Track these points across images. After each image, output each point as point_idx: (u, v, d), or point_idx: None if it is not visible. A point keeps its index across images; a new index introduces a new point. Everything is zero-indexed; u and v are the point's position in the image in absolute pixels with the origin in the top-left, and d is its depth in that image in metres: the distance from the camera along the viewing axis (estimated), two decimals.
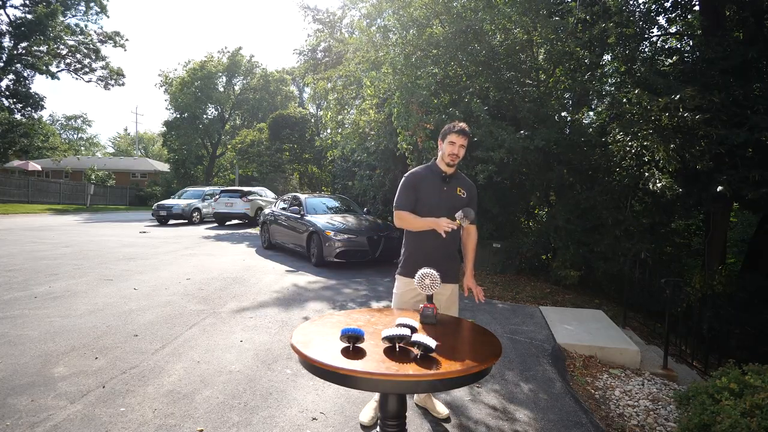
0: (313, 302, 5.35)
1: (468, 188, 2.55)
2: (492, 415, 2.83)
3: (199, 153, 32.77)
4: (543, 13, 7.02)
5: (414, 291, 2.42)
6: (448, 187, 2.47)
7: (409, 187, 2.49)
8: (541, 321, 4.95)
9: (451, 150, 2.43)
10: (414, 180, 2.50)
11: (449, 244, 2.45)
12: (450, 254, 2.50)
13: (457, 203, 2.45)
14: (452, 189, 2.48)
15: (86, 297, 5.08)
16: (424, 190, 2.46)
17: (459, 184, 2.52)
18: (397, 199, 2.51)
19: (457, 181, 2.52)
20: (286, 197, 10.15)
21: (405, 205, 2.48)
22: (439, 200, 2.44)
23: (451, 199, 2.47)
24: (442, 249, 2.45)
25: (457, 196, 2.49)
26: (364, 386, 1.47)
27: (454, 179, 2.50)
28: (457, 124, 2.45)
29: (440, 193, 2.46)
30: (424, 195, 2.46)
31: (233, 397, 2.85)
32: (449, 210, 2.37)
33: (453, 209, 2.35)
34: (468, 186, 2.57)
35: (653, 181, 5.45)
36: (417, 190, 2.47)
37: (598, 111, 7.10)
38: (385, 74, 7.41)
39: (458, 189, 2.50)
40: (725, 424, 2.15)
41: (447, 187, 2.47)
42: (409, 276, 2.43)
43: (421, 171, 2.54)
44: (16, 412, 2.55)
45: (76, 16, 26.54)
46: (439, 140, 2.50)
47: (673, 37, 9.16)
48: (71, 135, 55.97)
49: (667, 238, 7.29)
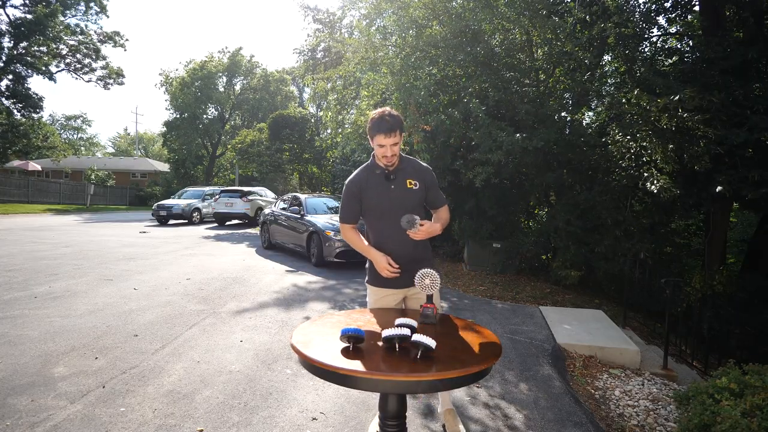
0: (313, 302, 5.35)
1: (419, 174, 2.25)
2: (492, 415, 2.83)
3: (199, 153, 32.79)
4: (542, 14, 7.02)
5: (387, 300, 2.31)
6: (395, 183, 2.20)
7: (351, 197, 2.26)
8: (541, 321, 4.95)
9: (382, 153, 2.13)
10: (353, 187, 2.25)
11: (412, 248, 2.22)
12: (417, 257, 2.23)
13: (411, 197, 2.21)
14: (401, 184, 2.20)
15: (86, 297, 5.08)
16: (369, 196, 2.22)
17: (407, 175, 2.23)
18: (340, 211, 2.32)
19: (404, 173, 2.22)
20: (286, 197, 10.16)
21: (347, 217, 2.28)
22: (389, 202, 2.19)
23: (403, 196, 2.20)
24: (403, 255, 2.22)
25: (409, 189, 2.21)
26: (364, 386, 1.47)
27: (400, 172, 2.22)
28: (382, 119, 2.08)
29: (388, 194, 2.19)
30: (370, 201, 2.23)
31: (233, 397, 2.85)
32: (404, 209, 2.15)
33: (408, 207, 2.17)
34: (419, 172, 2.26)
35: (652, 180, 5.45)
36: (360, 198, 2.24)
37: (598, 111, 7.10)
38: (383, 75, 7.42)
39: (408, 182, 2.21)
40: (725, 425, 2.15)
41: (394, 185, 2.20)
42: (374, 285, 2.32)
43: (361, 174, 2.27)
44: (16, 412, 2.55)
45: (75, 16, 26.57)
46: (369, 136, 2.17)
47: (673, 37, 9.16)
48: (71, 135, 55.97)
49: (667, 239, 7.29)
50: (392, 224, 2.16)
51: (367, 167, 2.29)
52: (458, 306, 5.54)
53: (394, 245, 2.23)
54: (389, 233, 2.23)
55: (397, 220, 2.11)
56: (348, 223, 2.31)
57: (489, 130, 6.49)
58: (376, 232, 2.29)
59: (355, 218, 2.30)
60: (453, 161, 7.45)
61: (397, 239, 2.20)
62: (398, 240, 2.20)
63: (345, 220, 2.30)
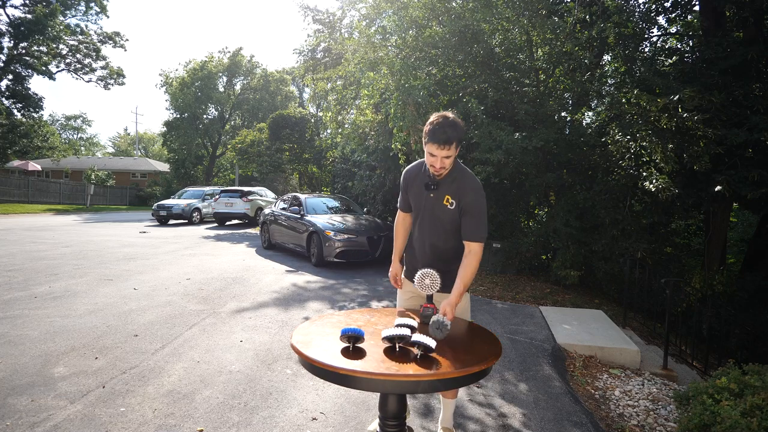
0: (313, 302, 5.35)
1: (459, 196, 2.05)
2: (491, 415, 2.83)
3: (199, 153, 32.79)
4: (542, 13, 7.02)
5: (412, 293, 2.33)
6: (435, 194, 2.09)
7: (402, 188, 2.29)
8: (541, 321, 4.95)
9: (432, 162, 2.00)
10: (404, 181, 2.27)
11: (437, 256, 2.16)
12: (442, 261, 2.14)
13: (442, 213, 2.09)
14: (438, 197, 2.08)
15: (86, 297, 5.08)
16: (412, 191, 2.22)
17: (449, 190, 2.06)
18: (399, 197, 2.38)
19: (448, 188, 2.06)
20: (286, 197, 10.16)
21: (401, 205, 2.34)
22: (423, 206, 2.15)
23: (435, 208, 2.10)
24: (431, 255, 2.17)
25: (443, 206, 2.07)
26: (364, 386, 1.47)
27: (443, 184, 2.07)
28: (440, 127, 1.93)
29: (424, 201, 2.14)
30: (411, 197, 2.22)
31: (233, 397, 2.85)
32: (432, 220, 2.11)
33: (437, 220, 2.10)
34: (461, 191, 2.05)
35: (650, 180, 5.46)
36: (407, 191, 2.25)
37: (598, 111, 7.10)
38: (383, 75, 7.41)
39: (446, 198, 2.06)
40: (725, 425, 2.15)
41: (433, 194, 2.09)
42: (406, 276, 2.35)
43: (412, 170, 2.24)
44: (16, 412, 2.55)
45: (76, 16, 26.57)
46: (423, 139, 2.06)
47: (673, 37, 9.16)
48: (71, 135, 56.00)
49: (667, 239, 7.29)
50: (420, 229, 2.19)
51: (422, 162, 2.18)
52: None
53: (417, 247, 2.24)
54: (417, 235, 2.23)
55: (426, 227, 2.15)
56: (401, 210, 2.37)
57: (489, 130, 6.49)
58: (414, 228, 2.28)
59: (406, 207, 2.31)
60: None
61: (421, 244, 2.21)
62: (421, 245, 2.21)
63: (399, 206, 2.38)
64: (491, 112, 7.51)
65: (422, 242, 2.20)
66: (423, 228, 2.17)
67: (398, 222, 2.38)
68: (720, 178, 5.48)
